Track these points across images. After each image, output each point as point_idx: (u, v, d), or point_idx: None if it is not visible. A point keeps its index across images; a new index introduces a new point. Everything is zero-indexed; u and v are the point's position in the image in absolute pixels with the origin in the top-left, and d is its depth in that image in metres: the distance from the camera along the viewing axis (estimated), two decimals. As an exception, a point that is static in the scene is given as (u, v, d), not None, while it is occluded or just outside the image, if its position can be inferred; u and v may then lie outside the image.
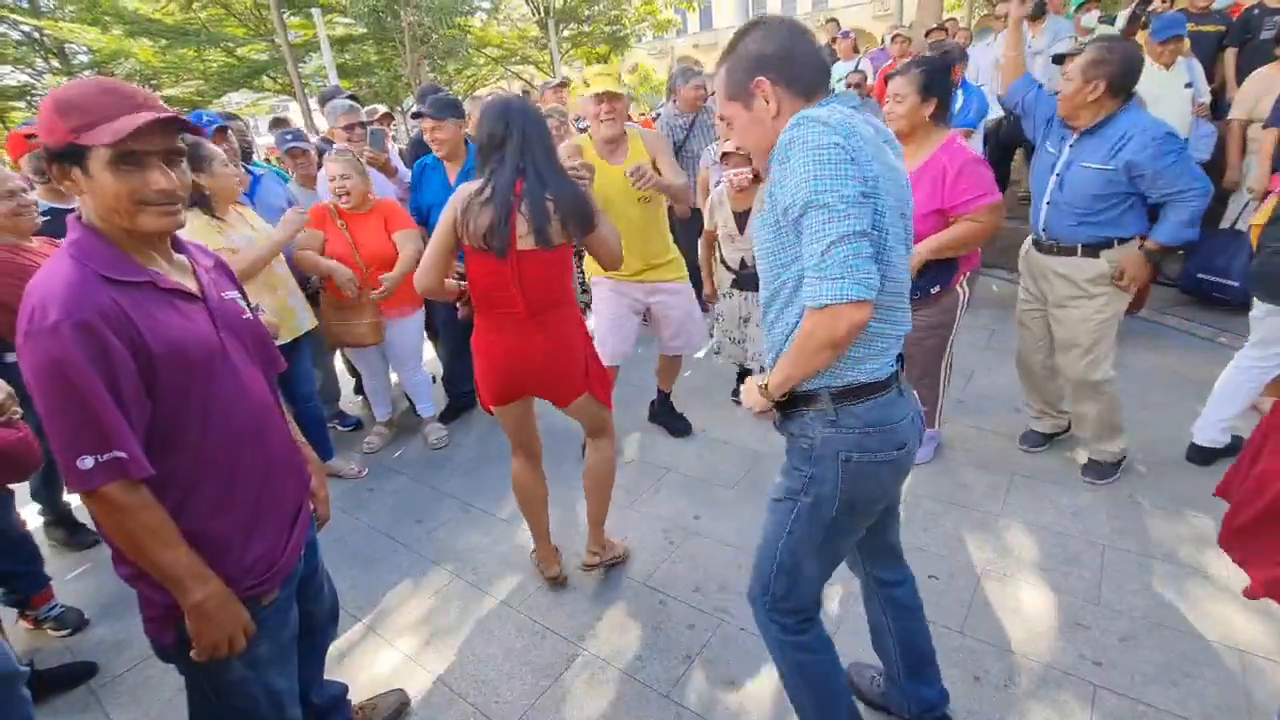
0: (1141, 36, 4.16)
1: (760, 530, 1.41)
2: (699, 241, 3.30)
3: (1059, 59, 2.57)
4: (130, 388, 1.01)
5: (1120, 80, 2.17)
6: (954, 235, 2.29)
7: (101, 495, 1.00)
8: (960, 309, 2.53)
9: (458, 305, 2.03)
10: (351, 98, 3.81)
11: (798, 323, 1.15)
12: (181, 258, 1.20)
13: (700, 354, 3.14)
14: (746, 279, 2.95)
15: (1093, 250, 2.33)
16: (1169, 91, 3.85)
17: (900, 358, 1.28)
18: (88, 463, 0.97)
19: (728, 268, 3.05)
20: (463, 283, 2.09)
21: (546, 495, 2.24)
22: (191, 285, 1.17)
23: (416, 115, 3.05)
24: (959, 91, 4.06)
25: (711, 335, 3.30)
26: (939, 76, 2.28)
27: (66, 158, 1.01)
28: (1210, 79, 4.36)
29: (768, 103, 1.17)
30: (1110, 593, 2.01)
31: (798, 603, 1.38)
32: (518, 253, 1.79)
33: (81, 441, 0.97)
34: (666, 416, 3.31)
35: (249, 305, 1.31)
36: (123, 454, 0.99)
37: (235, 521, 1.17)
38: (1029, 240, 2.57)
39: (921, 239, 2.31)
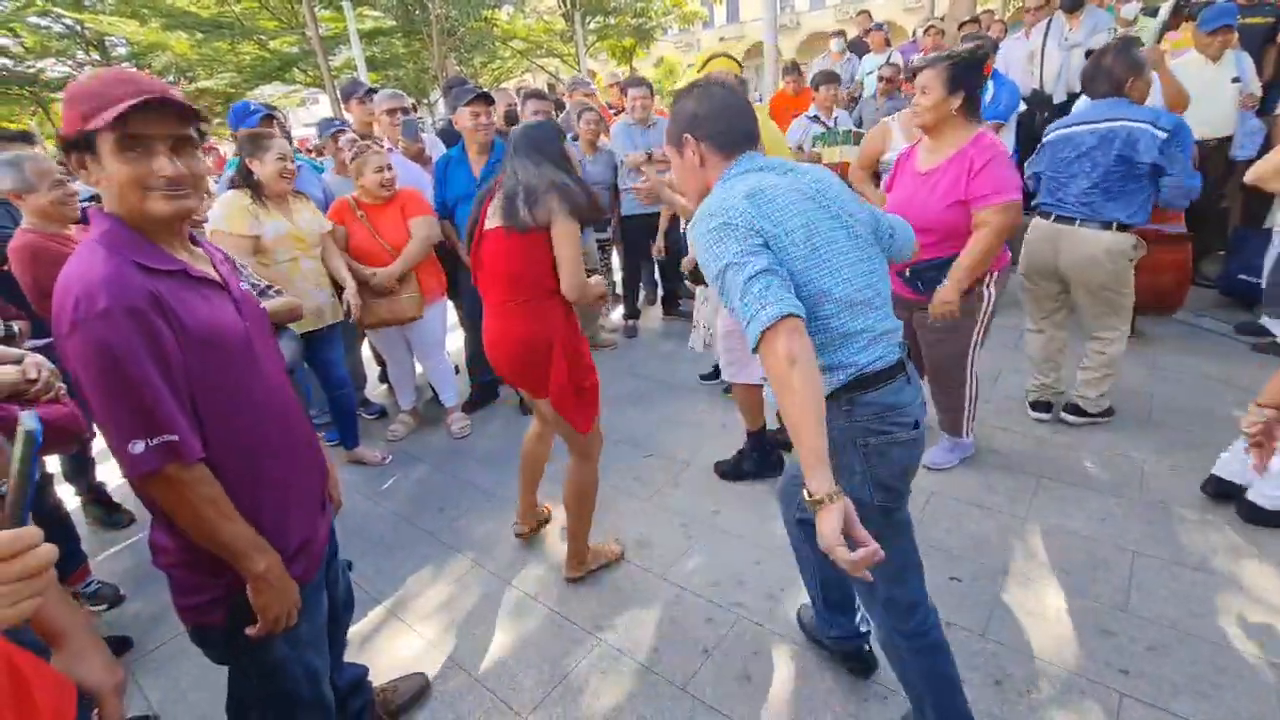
0: (1187, 28, 4.03)
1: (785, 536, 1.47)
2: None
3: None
4: (178, 371, 1.03)
5: None
6: (974, 246, 2.25)
7: (159, 476, 1.02)
8: (984, 312, 2.42)
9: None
10: (370, 91, 3.86)
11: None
12: (198, 249, 1.22)
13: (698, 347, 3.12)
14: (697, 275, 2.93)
15: None
16: (1215, 85, 3.72)
17: (906, 348, 1.37)
18: (139, 447, 0.99)
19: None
20: None
21: (544, 462, 2.37)
22: (215, 275, 1.20)
23: (472, 101, 3.06)
24: (989, 83, 3.96)
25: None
26: (968, 71, 2.21)
27: (79, 146, 1.02)
28: (1260, 73, 4.20)
29: (694, 155, 1.39)
30: (1139, 600, 1.97)
31: (899, 598, 1.44)
32: (482, 231, 1.96)
33: (133, 426, 0.99)
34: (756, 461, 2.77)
35: (263, 290, 1.36)
36: (174, 437, 1.01)
37: (267, 503, 1.19)
38: None
39: (945, 229, 2.31)
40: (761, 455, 2.76)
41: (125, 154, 1.01)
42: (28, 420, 0.65)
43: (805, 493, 1.04)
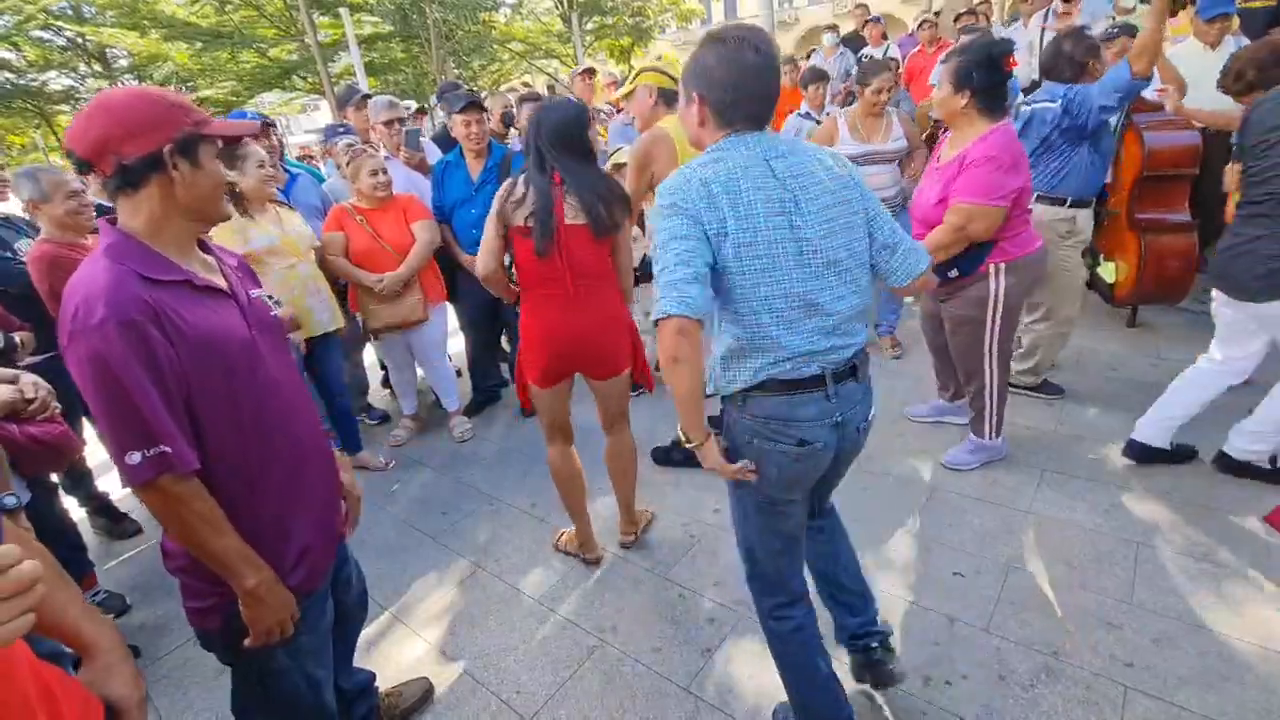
0: (1186, 14, 3.99)
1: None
2: None
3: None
4: (175, 382, 1.04)
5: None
6: (930, 237, 2.28)
7: (153, 487, 1.03)
8: (995, 301, 2.38)
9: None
10: (365, 97, 3.87)
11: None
12: (209, 258, 1.23)
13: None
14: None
15: None
16: (1214, 72, 3.67)
17: (848, 367, 1.36)
18: (135, 458, 1.01)
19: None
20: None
21: (584, 477, 2.32)
22: (221, 283, 1.20)
23: (463, 109, 3.07)
24: None
25: None
26: (974, 68, 2.18)
27: (185, 149, 1.07)
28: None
29: (697, 112, 1.34)
30: (1144, 592, 1.95)
31: (768, 582, 1.53)
32: (565, 227, 1.97)
33: (129, 437, 1.01)
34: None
35: (273, 302, 1.35)
36: (168, 449, 1.02)
37: (267, 510, 1.20)
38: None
39: (931, 225, 2.34)
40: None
41: (222, 160, 1.14)
42: None
43: (682, 437, 1.31)
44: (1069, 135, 2.73)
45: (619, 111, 4.76)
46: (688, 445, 1.32)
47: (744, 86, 1.28)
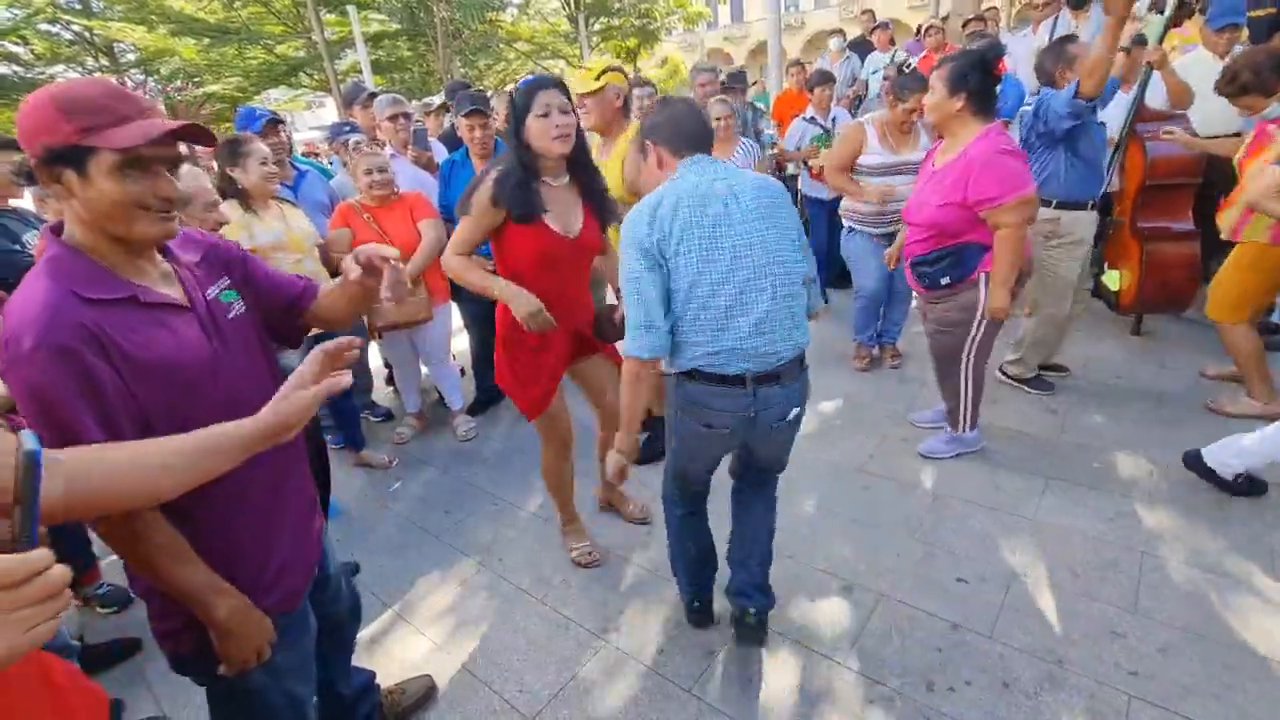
0: (1194, 23, 3.99)
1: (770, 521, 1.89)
2: None
3: None
4: (123, 408, 0.96)
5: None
6: (999, 254, 2.30)
7: (102, 521, 0.96)
8: (980, 310, 2.42)
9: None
10: (371, 95, 3.88)
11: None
12: (166, 265, 1.11)
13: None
14: None
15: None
16: (1223, 83, 3.67)
17: (777, 371, 1.57)
18: None
19: None
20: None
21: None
22: (177, 294, 1.08)
23: (469, 114, 3.06)
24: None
25: None
26: (969, 71, 2.26)
27: (63, 160, 0.93)
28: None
29: (654, 157, 1.65)
30: (1149, 601, 1.95)
31: (678, 493, 1.88)
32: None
33: None
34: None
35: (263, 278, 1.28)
36: None
37: (248, 534, 1.15)
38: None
39: (934, 227, 2.39)
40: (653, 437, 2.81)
41: (127, 174, 0.95)
42: (28, 440, 0.63)
43: (618, 449, 1.72)
44: (1044, 139, 2.86)
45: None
46: (620, 454, 1.71)
47: (680, 118, 1.62)
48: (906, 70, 4.85)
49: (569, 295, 2.01)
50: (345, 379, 0.99)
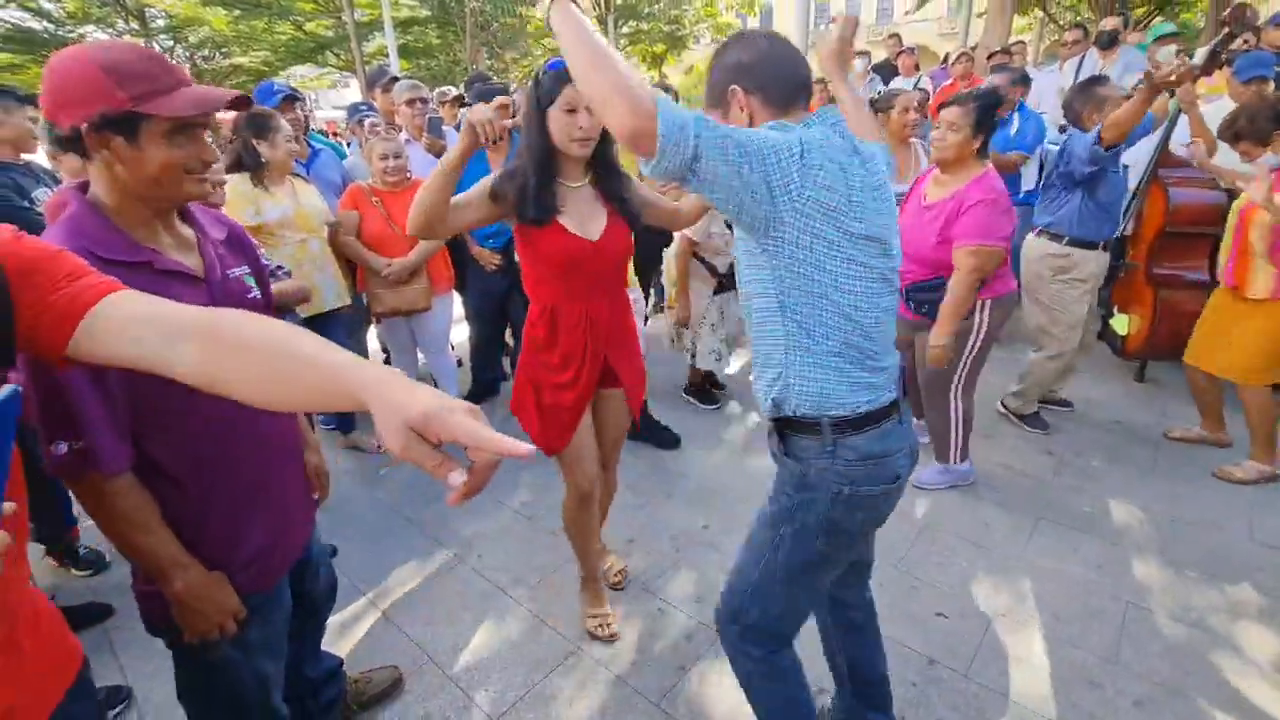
0: (1222, 75, 3.97)
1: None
2: (669, 253, 3.28)
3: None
4: (117, 375, 0.96)
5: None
6: (950, 291, 2.32)
7: (79, 483, 0.99)
8: (974, 336, 2.45)
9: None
10: (394, 79, 3.89)
11: (778, 334, 1.16)
12: (189, 232, 1.15)
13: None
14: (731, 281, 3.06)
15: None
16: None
17: (903, 386, 1.28)
18: (61, 448, 0.96)
19: (716, 273, 3.19)
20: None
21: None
22: (193, 263, 1.11)
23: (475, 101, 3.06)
24: (1014, 114, 4.00)
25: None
26: (987, 113, 2.31)
27: (114, 125, 0.95)
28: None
29: (742, 110, 1.17)
30: (1130, 652, 1.92)
31: (770, 630, 1.33)
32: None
33: (56, 427, 0.96)
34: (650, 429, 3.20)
35: (273, 271, 1.30)
36: (95, 445, 0.97)
37: (230, 509, 1.15)
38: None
39: (934, 263, 2.40)
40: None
41: (174, 139, 0.99)
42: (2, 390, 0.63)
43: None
44: (1064, 179, 2.89)
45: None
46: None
47: (782, 57, 1.17)
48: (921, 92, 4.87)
49: (597, 304, 1.80)
50: None
